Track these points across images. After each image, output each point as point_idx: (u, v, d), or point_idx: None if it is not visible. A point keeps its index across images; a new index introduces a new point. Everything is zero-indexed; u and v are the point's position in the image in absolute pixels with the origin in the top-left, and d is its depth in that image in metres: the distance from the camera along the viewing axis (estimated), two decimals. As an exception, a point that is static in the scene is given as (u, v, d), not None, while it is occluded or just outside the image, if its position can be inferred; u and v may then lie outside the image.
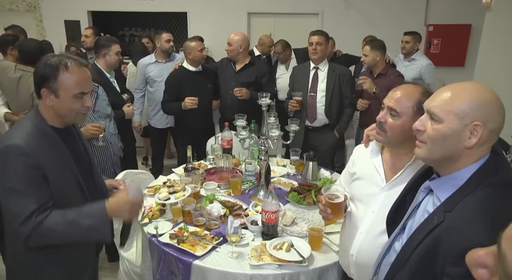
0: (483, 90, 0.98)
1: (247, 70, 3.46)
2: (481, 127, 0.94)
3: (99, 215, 1.38)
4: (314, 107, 3.23)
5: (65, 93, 1.40)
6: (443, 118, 0.97)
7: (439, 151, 1.00)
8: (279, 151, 3.18)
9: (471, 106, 0.95)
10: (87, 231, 1.35)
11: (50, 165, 1.37)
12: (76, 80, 1.40)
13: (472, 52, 5.41)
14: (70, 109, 1.43)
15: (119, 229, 2.29)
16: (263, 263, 1.62)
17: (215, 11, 5.98)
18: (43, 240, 1.33)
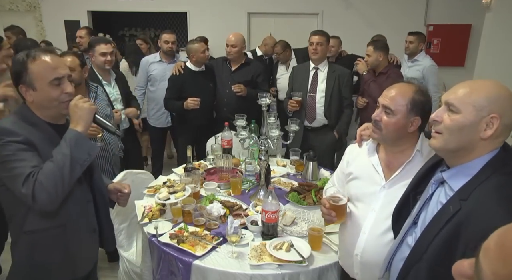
0: (500, 86, 1.03)
1: (243, 69, 3.49)
2: (498, 119, 0.98)
3: (69, 134, 1.37)
4: (313, 107, 3.23)
5: (40, 83, 1.38)
6: (461, 109, 1.02)
7: (455, 141, 1.04)
8: (279, 151, 3.18)
9: (489, 99, 1.00)
10: (73, 153, 1.33)
11: (47, 150, 1.36)
12: (46, 67, 1.38)
13: (472, 52, 5.41)
14: (50, 99, 1.40)
15: (120, 229, 2.30)
16: (263, 263, 1.62)
17: (215, 11, 5.99)
18: (47, 189, 1.28)
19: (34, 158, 1.34)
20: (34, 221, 1.42)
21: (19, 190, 1.29)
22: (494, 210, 0.91)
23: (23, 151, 1.32)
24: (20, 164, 1.30)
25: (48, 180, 1.28)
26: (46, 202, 1.31)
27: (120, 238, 2.31)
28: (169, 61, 3.84)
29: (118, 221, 2.29)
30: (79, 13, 6.21)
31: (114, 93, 3.12)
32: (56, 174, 1.30)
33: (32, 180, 1.28)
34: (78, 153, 1.35)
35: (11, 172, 1.30)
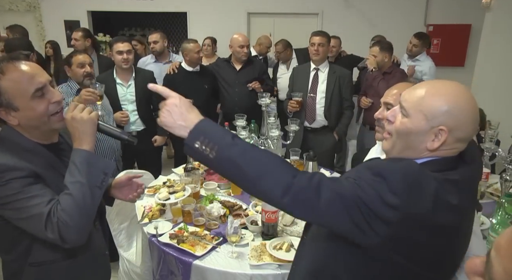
0: (460, 96, 0.94)
1: (247, 68, 3.52)
2: (446, 133, 0.92)
3: (77, 157, 1.16)
4: (313, 108, 3.23)
5: (20, 100, 1.14)
6: (411, 114, 0.95)
7: (400, 145, 0.99)
8: (279, 151, 3.18)
9: (442, 110, 0.92)
10: (89, 178, 1.15)
11: (48, 176, 1.20)
12: (21, 79, 1.14)
13: (472, 52, 5.42)
14: (38, 115, 1.17)
15: (120, 229, 2.30)
16: (263, 263, 1.62)
17: (215, 11, 5.99)
18: (74, 226, 1.12)
19: (44, 191, 1.15)
20: (41, 252, 1.25)
21: (43, 234, 1.12)
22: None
23: (30, 185, 1.13)
24: (32, 202, 1.11)
25: (72, 218, 1.11)
26: (76, 240, 1.15)
27: (120, 238, 2.31)
28: (164, 61, 3.84)
29: (118, 221, 2.29)
30: (79, 13, 6.22)
31: (127, 94, 3.12)
32: (78, 208, 1.13)
33: (55, 221, 1.10)
34: (93, 176, 1.17)
35: (25, 214, 1.11)
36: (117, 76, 3.09)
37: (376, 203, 0.86)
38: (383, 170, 0.89)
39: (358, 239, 0.90)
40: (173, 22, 7.49)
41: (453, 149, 0.96)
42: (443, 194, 0.88)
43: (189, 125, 0.94)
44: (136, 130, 3.20)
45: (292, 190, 0.89)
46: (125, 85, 3.11)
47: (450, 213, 0.89)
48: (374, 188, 0.87)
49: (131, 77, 3.13)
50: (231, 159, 0.91)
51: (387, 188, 0.86)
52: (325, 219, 0.91)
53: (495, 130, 2.21)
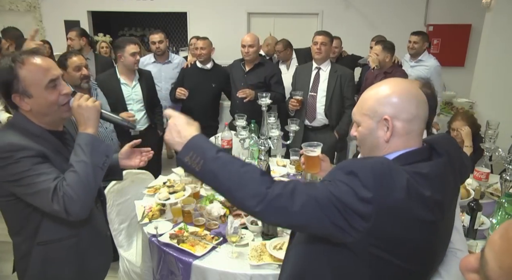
0: (390, 86, 1.04)
1: (257, 70, 3.47)
2: (390, 120, 1.00)
3: (82, 139, 1.30)
4: (313, 106, 3.23)
5: (35, 88, 1.28)
6: (360, 121, 1.07)
7: (367, 149, 1.09)
8: (279, 151, 3.18)
9: (378, 103, 1.02)
10: (92, 158, 1.28)
11: (54, 159, 1.32)
12: (38, 70, 1.28)
13: (472, 52, 5.42)
14: (49, 103, 1.31)
15: (120, 229, 2.30)
16: (263, 263, 1.62)
17: (215, 11, 5.99)
18: (78, 201, 1.24)
19: (51, 169, 1.28)
20: (48, 232, 1.38)
21: (50, 207, 1.24)
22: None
23: (39, 164, 1.26)
24: (40, 178, 1.24)
25: (76, 193, 1.24)
26: (80, 213, 1.27)
27: (120, 238, 2.31)
28: (163, 61, 3.84)
29: (118, 221, 2.29)
30: (79, 13, 6.22)
31: (133, 93, 3.13)
32: (83, 184, 1.25)
33: (61, 195, 1.23)
34: (96, 157, 1.30)
35: (34, 188, 1.24)
36: (121, 77, 3.10)
37: (351, 199, 0.90)
38: (354, 167, 0.94)
39: (339, 238, 0.94)
40: (173, 22, 7.49)
41: (411, 134, 1.01)
42: (414, 185, 0.92)
43: (183, 142, 1.07)
44: (139, 129, 3.22)
45: (266, 198, 0.95)
46: (130, 85, 3.13)
47: (423, 205, 0.93)
48: (348, 185, 0.92)
49: (135, 77, 3.16)
50: (213, 172, 1.01)
51: (360, 183, 0.90)
52: (301, 222, 0.95)
53: (495, 130, 2.21)
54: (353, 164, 0.96)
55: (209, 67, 3.55)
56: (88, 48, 3.99)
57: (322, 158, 1.68)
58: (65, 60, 2.54)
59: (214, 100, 3.64)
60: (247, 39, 3.40)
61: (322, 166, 1.68)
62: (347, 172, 0.94)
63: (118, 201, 2.29)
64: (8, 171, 1.23)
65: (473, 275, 0.58)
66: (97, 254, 1.56)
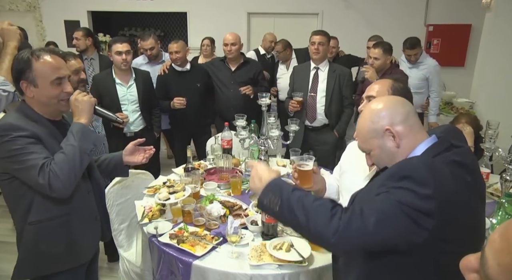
0: (370, 106, 1.15)
1: (244, 69, 3.51)
2: (391, 128, 1.09)
3: (74, 127, 1.48)
4: (314, 107, 3.23)
5: (42, 81, 1.45)
6: (369, 147, 1.15)
7: (387, 163, 1.14)
8: (279, 151, 3.18)
9: (372, 123, 1.12)
10: (80, 144, 1.45)
11: (49, 143, 1.47)
12: (50, 67, 1.46)
13: (472, 52, 5.42)
14: (50, 96, 1.48)
15: (120, 229, 2.30)
16: (263, 263, 1.62)
17: (215, 11, 5.99)
18: (62, 179, 1.39)
19: (43, 150, 1.43)
20: (39, 212, 1.50)
21: (35, 180, 1.38)
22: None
23: (31, 144, 1.41)
24: (31, 156, 1.39)
25: (61, 171, 1.39)
26: (61, 190, 1.41)
27: (120, 238, 2.31)
28: (157, 62, 3.82)
29: (118, 221, 2.29)
30: (79, 13, 6.22)
31: (128, 94, 3.12)
32: (68, 164, 1.41)
33: (47, 171, 1.37)
34: (84, 144, 1.47)
35: (24, 164, 1.38)
36: (116, 77, 3.09)
37: (414, 200, 0.94)
38: (403, 171, 0.99)
39: (410, 242, 0.96)
40: (173, 22, 7.49)
41: (413, 128, 1.10)
42: (457, 173, 0.99)
43: (263, 186, 1.19)
44: (134, 131, 3.19)
45: (340, 228, 0.98)
46: (125, 85, 3.11)
47: (469, 190, 1.01)
48: (406, 188, 0.96)
49: (130, 77, 3.13)
50: (289, 208, 1.08)
51: (416, 183, 0.95)
52: (377, 240, 0.99)
53: (495, 130, 2.21)
54: (400, 170, 1.02)
55: (188, 68, 3.46)
56: (93, 48, 4.00)
57: (315, 171, 1.67)
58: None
59: (202, 99, 3.57)
60: (228, 37, 3.40)
61: (314, 179, 1.67)
62: (399, 178, 0.99)
63: (118, 201, 2.29)
64: (4, 147, 1.39)
65: (473, 275, 0.58)
66: (86, 233, 1.66)
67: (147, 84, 3.26)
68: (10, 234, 2.93)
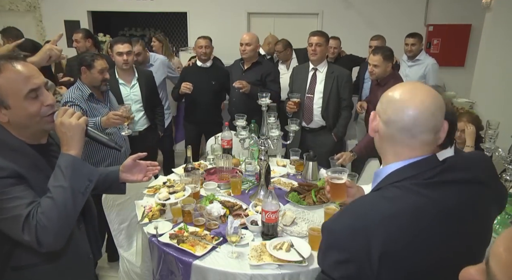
0: (396, 86, 1.01)
1: (254, 69, 3.53)
2: (375, 115, 1.03)
3: (63, 161, 1.17)
4: (310, 108, 3.22)
5: (13, 99, 1.15)
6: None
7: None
8: (279, 151, 3.18)
9: (391, 97, 0.99)
10: (72, 183, 1.15)
11: (33, 178, 1.19)
12: (17, 78, 1.14)
13: (472, 52, 5.42)
14: (29, 115, 1.18)
15: (120, 229, 2.30)
16: (263, 263, 1.62)
17: (215, 11, 5.99)
18: (52, 231, 1.12)
19: (26, 192, 1.14)
20: (22, 256, 1.24)
21: (19, 236, 1.11)
22: (340, 213, 0.97)
23: (11, 186, 1.12)
24: (12, 203, 1.10)
25: (51, 222, 1.11)
26: (52, 245, 1.14)
27: (120, 238, 2.31)
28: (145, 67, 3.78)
29: (118, 221, 2.29)
30: (79, 13, 6.22)
31: (131, 94, 3.13)
32: (58, 212, 1.12)
33: (33, 224, 1.10)
34: (77, 182, 1.17)
35: (3, 215, 1.11)
36: (119, 77, 3.10)
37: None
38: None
39: None
40: (173, 22, 7.49)
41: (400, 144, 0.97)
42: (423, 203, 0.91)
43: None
44: (139, 130, 3.21)
45: None
46: (128, 86, 3.13)
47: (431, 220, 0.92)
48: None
49: (133, 77, 3.15)
50: None
51: (335, 251, 0.88)
52: None
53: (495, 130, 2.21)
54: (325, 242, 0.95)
55: (208, 65, 3.61)
56: (93, 49, 3.99)
57: (349, 185, 1.55)
58: (92, 61, 2.51)
59: (215, 97, 3.69)
60: (245, 37, 3.46)
61: (349, 193, 1.55)
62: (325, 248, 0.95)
63: (118, 201, 2.29)
64: None
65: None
66: (76, 279, 1.42)
67: (150, 84, 3.29)
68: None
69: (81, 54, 2.67)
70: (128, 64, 3.04)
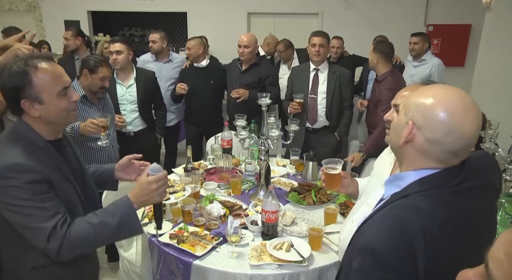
0: (443, 97, 0.90)
1: (253, 70, 3.50)
2: (413, 127, 0.92)
3: (124, 207, 1.29)
4: (315, 109, 3.22)
5: (48, 95, 1.24)
6: (400, 110, 0.98)
7: (393, 140, 1.02)
8: (279, 151, 3.18)
9: (416, 104, 0.92)
10: (118, 229, 1.26)
11: (55, 178, 1.26)
12: (52, 77, 1.26)
13: (472, 52, 5.42)
14: (59, 111, 1.28)
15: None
16: (263, 263, 1.62)
17: (215, 11, 5.99)
18: (75, 250, 1.22)
19: (53, 201, 1.21)
20: (33, 256, 1.29)
21: (42, 245, 1.17)
22: (371, 229, 0.90)
23: (42, 194, 1.18)
24: (40, 212, 1.16)
25: (80, 243, 1.21)
26: (67, 259, 1.23)
27: (120, 238, 2.31)
28: (163, 60, 3.84)
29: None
30: (79, 13, 6.22)
31: (127, 94, 3.11)
32: (91, 238, 1.23)
33: (61, 235, 1.17)
34: (123, 230, 1.29)
35: (30, 222, 1.17)
36: (117, 76, 3.08)
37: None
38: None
39: None
40: (173, 22, 7.48)
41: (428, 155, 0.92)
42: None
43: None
44: (133, 131, 3.17)
45: None
46: (125, 85, 3.11)
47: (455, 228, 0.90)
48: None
49: (131, 77, 3.12)
50: None
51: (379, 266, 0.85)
52: None
53: (495, 130, 2.20)
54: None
55: (204, 65, 3.58)
56: (84, 48, 3.99)
57: (343, 175, 1.62)
58: (95, 66, 2.44)
59: (214, 96, 3.67)
60: (243, 39, 3.42)
61: (343, 183, 1.63)
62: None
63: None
64: (8, 192, 1.16)
65: None
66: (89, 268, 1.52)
67: (150, 85, 3.22)
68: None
69: (88, 56, 2.65)
70: (118, 64, 3.02)
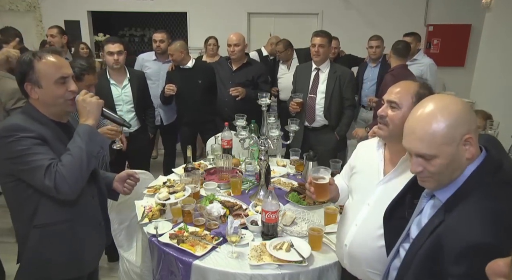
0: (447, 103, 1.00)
1: (244, 69, 3.51)
2: (472, 137, 0.98)
3: (81, 129, 1.46)
4: (312, 108, 3.22)
5: (46, 81, 1.44)
6: (437, 154, 0.98)
7: (446, 178, 1.02)
8: (279, 151, 3.18)
9: (453, 128, 0.97)
10: (87, 145, 1.43)
11: (53, 144, 1.44)
12: (52, 66, 1.45)
13: (472, 52, 5.42)
14: (55, 96, 1.46)
15: (120, 229, 2.30)
16: (263, 263, 1.62)
17: (215, 11, 5.99)
18: (69, 180, 1.38)
19: (49, 151, 1.41)
20: (45, 215, 1.48)
21: (41, 182, 1.36)
22: (473, 228, 0.89)
23: (37, 145, 1.39)
24: (37, 157, 1.37)
25: (69, 172, 1.38)
26: (68, 192, 1.40)
27: (120, 238, 2.31)
28: (164, 60, 3.84)
29: (118, 221, 2.29)
30: (79, 13, 6.22)
31: (122, 94, 3.10)
32: (75, 166, 1.39)
33: (53, 172, 1.36)
34: (91, 146, 1.45)
35: (30, 165, 1.37)
36: (111, 77, 3.08)
37: None
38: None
39: None
40: (173, 22, 7.48)
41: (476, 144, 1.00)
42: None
43: None
44: (129, 131, 3.14)
45: None
46: (120, 86, 3.10)
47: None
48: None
49: (125, 77, 3.12)
50: None
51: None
52: None
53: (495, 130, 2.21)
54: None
55: (190, 66, 3.54)
56: (66, 49, 4.00)
57: (331, 182, 1.58)
58: (81, 74, 2.31)
59: (204, 95, 3.59)
60: (232, 38, 3.42)
61: (330, 190, 1.59)
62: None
63: (118, 201, 2.28)
64: (9, 148, 1.37)
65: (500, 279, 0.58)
66: (90, 243, 1.63)
67: (142, 85, 3.26)
68: (9, 234, 2.93)
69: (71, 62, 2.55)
70: (119, 64, 3.02)
